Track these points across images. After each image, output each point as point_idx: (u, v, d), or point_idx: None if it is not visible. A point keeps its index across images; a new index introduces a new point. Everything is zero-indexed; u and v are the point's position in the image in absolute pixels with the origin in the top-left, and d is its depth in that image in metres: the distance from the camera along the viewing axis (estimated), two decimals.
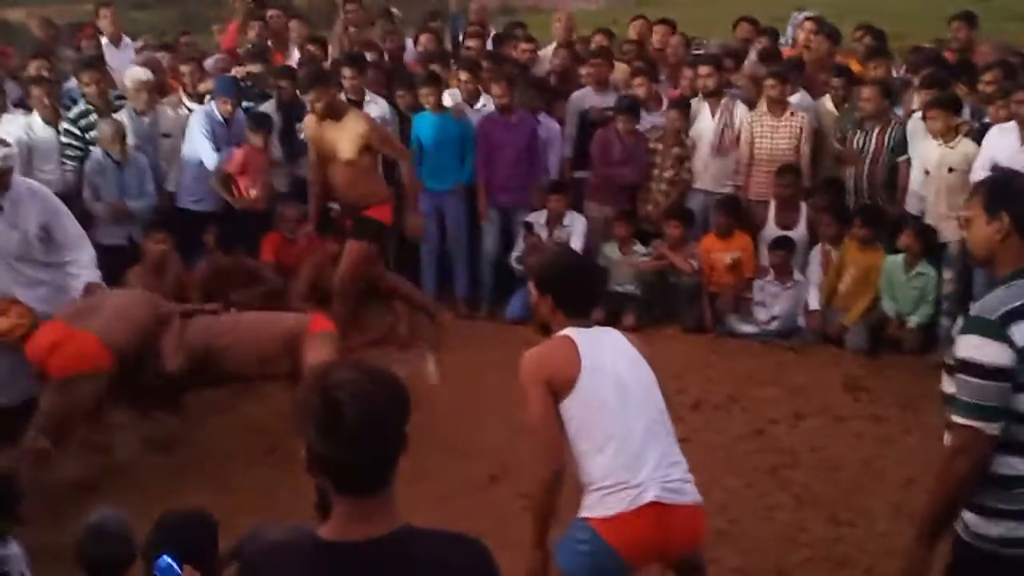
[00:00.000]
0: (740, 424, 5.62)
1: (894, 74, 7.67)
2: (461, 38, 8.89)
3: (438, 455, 5.00)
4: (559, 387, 3.06)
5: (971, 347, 2.62)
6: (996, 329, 2.58)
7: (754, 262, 7.00)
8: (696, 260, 6.99)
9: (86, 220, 6.13)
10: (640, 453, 3.04)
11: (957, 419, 2.66)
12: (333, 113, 6.05)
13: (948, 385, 2.73)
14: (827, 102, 7.33)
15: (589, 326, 3.21)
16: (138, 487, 4.91)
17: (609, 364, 3.11)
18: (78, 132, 6.63)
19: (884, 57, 7.51)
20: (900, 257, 6.41)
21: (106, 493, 4.79)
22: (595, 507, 3.05)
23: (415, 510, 1.98)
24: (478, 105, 7.48)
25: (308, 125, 6.27)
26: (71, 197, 6.21)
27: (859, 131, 6.82)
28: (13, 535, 3.37)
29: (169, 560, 2.93)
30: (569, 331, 3.16)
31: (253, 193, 6.60)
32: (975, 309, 2.71)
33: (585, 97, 7.58)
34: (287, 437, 5.21)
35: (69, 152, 6.63)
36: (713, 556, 4.30)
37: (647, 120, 7.42)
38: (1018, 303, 2.61)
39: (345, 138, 6.05)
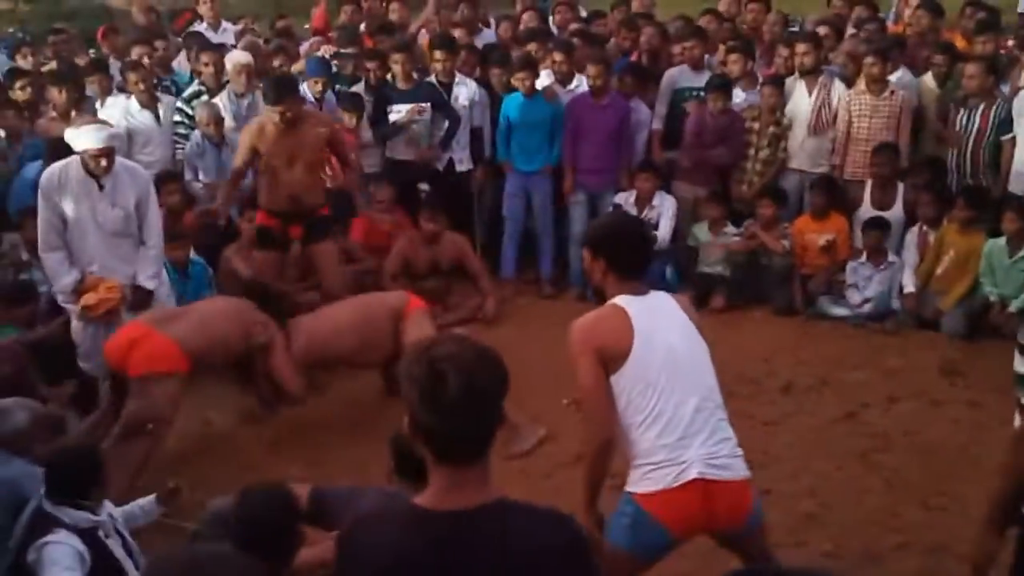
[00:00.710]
0: (832, 407, 5.51)
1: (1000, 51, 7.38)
2: (551, 18, 8.88)
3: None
4: (609, 359, 3.03)
5: None
6: None
7: (849, 244, 6.84)
8: (789, 241, 6.87)
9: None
10: (688, 430, 3.03)
11: None
12: (296, 120, 5.84)
13: (1020, 365, 2.88)
14: (929, 79, 7.10)
15: (642, 291, 3.15)
16: (233, 458, 5.09)
17: (661, 337, 3.07)
18: (190, 112, 6.86)
19: (994, 32, 7.22)
20: (1003, 240, 6.18)
21: (202, 463, 5.00)
22: (640, 482, 3.07)
23: (503, 487, 2.01)
24: (571, 86, 7.45)
25: (263, 132, 5.85)
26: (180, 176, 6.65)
27: (962, 109, 6.59)
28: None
29: None
30: (621, 300, 3.11)
31: (338, 173, 6.74)
32: None
33: (680, 75, 7.49)
34: (379, 413, 5.37)
35: (180, 131, 6.90)
36: (803, 539, 4.28)
37: (742, 99, 7.30)
38: None
39: (307, 143, 5.92)
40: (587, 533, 3.06)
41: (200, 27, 8.55)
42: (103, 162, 5.02)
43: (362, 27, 8.27)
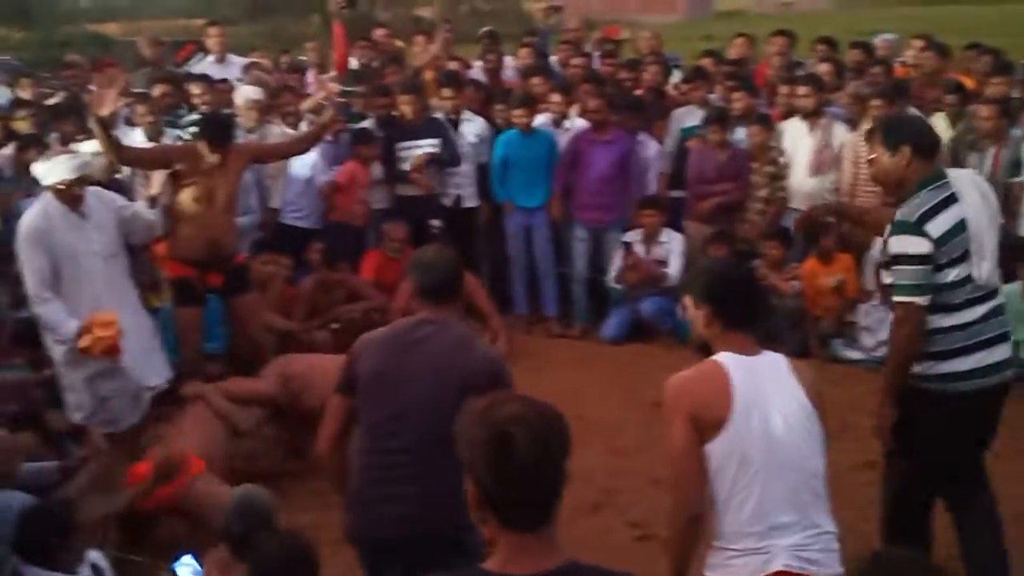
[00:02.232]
0: (851, 454, 5.41)
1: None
2: (550, 55, 8.89)
3: None
4: (703, 427, 2.78)
5: (900, 244, 3.57)
6: (916, 228, 3.53)
7: (858, 283, 6.82)
8: (798, 281, 6.84)
9: None
10: (779, 518, 2.78)
11: (897, 298, 3.62)
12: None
13: (887, 277, 3.67)
14: (939, 120, 7.12)
15: (751, 348, 2.88)
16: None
17: (763, 409, 2.79)
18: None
19: (1007, 74, 7.27)
20: (1018, 285, 6.16)
21: None
22: (721, 568, 2.86)
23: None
24: (566, 124, 7.44)
25: (193, 158, 5.43)
26: None
27: (973, 152, 6.60)
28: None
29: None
30: (725, 358, 2.84)
31: (356, 210, 6.68)
32: (900, 214, 3.60)
33: (687, 114, 7.49)
34: None
35: None
36: None
37: (743, 136, 7.30)
38: (928, 206, 3.56)
39: (231, 179, 5.54)
40: None
41: (208, 60, 8.50)
42: (77, 191, 4.98)
43: (374, 63, 8.26)
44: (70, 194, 4.97)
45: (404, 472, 3.08)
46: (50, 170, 4.94)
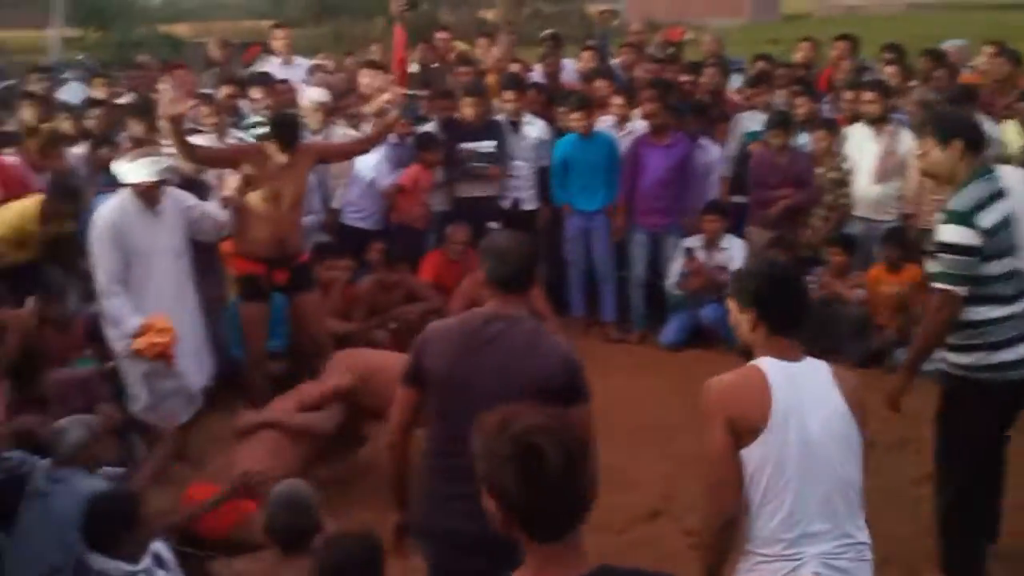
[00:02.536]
0: (912, 467, 5.33)
1: None
2: (610, 58, 8.88)
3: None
4: (741, 432, 2.78)
5: (950, 234, 3.68)
6: (967, 219, 3.64)
7: (924, 294, 6.67)
8: (863, 290, 6.73)
9: None
10: (811, 526, 2.77)
11: (938, 285, 3.75)
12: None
13: (932, 266, 3.80)
14: (1010, 127, 6.96)
15: (794, 354, 2.85)
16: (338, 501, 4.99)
17: (800, 417, 2.76)
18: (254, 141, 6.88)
19: None
20: None
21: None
22: (749, 573, 2.86)
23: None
24: (628, 127, 7.43)
25: (262, 159, 5.50)
26: None
27: None
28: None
29: None
30: (766, 363, 2.82)
31: (417, 211, 6.74)
32: (951, 204, 3.71)
33: (750, 119, 7.42)
34: None
35: None
36: None
37: (806, 142, 7.22)
38: (980, 198, 3.67)
39: (299, 177, 5.62)
40: None
41: (274, 60, 8.63)
42: (157, 191, 5.18)
43: (434, 65, 8.32)
44: (150, 194, 5.15)
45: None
46: (133, 170, 5.12)
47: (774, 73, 7.94)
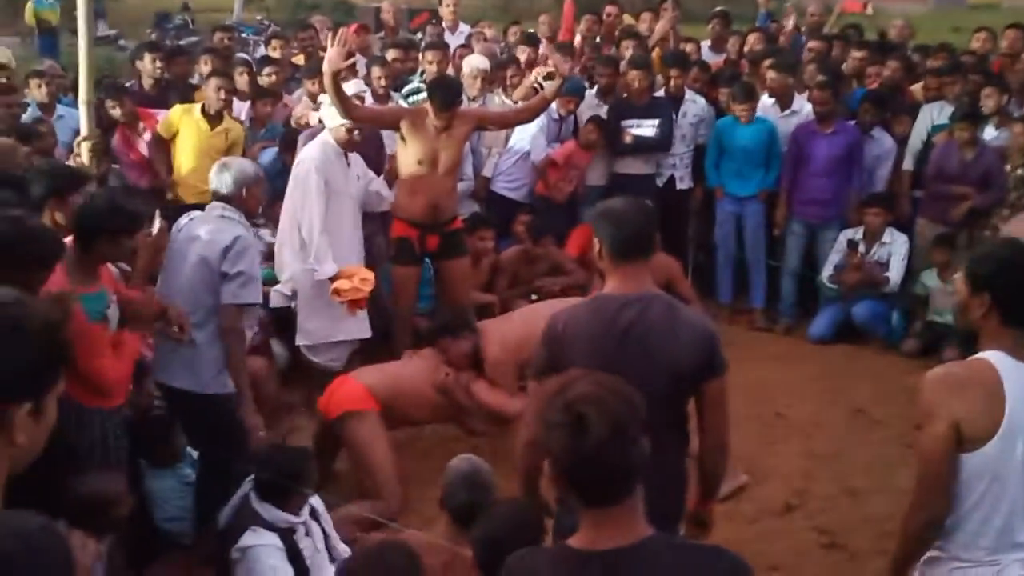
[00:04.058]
0: None
1: None
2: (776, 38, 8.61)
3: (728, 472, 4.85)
4: (965, 437, 2.53)
5: None
6: None
7: None
8: (957, 296, 6.27)
9: None
10: (1018, 538, 2.60)
11: None
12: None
13: None
14: None
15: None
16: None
17: None
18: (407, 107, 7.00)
19: None
20: None
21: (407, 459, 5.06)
22: (947, 575, 2.68)
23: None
24: (791, 109, 7.19)
25: (419, 122, 5.50)
26: None
27: None
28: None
29: None
30: (999, 360, 2.54)
31: (562, 187, 6.73)
32: None
33: (941, 110, 7.03)
34: None
35: None
36: None
37: (993, 136, 6.80)
38: None
39: (455, 142, 5.60)
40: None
41: (437, 28, 8.74)
42: (356, 135, 5.40)
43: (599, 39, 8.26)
44: (350, 138, 5.38)
45: None
46: (334, 114, 5.34)
47: (961, 63, 7.50)
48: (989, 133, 6.78)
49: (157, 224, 4.07)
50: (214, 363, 4.09)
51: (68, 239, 3.58)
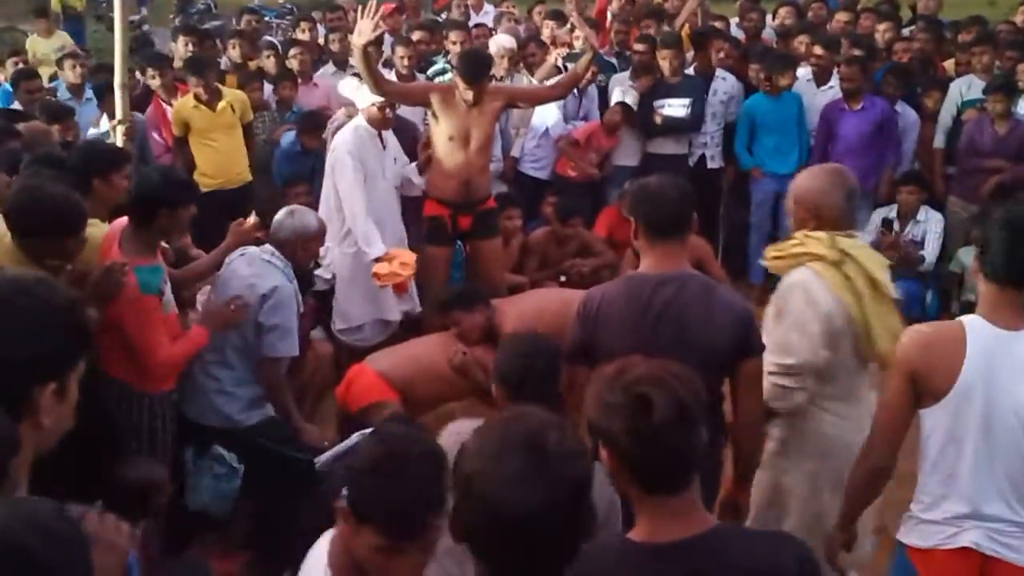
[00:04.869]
0: None
1: None
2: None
3: None
4: (922, 391, 2.62)
5: None
6: None
7: None
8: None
9: None
10: (980, 500, 2.61)
11: None
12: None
13: None
14: None
15: (1017, 317, 2.57)
16: None
17: (990, 389, 2.54)
18: None
19: None
20: None
21: None
22: (911, 532, 2.74)
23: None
24: (827, 86, 7.08)
25: (448, 99, 5.40)
26: None
27: None
28: None
29: None
30: (972, 322, 2.59)
31: (580, 167, 6.67)
32: None
33: (971, 84, 6.90)
34: None
35: None
36: None
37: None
38: None
39: (486, 119, 5.48)
40: (831, 546, 2.89)
41: (461, 8, 8.67)
42: (388, 113, 5.31)
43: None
44: (383, 117, 5.31)
45: None
46: (366, 93, 5.28)
47: (997, 36, 7.34)
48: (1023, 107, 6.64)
49: (253, 217, 4.12)
50: (240, 401, 4.05)
51: (120, 220, 3.65)
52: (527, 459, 1.62)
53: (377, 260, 5.21)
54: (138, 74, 6.84)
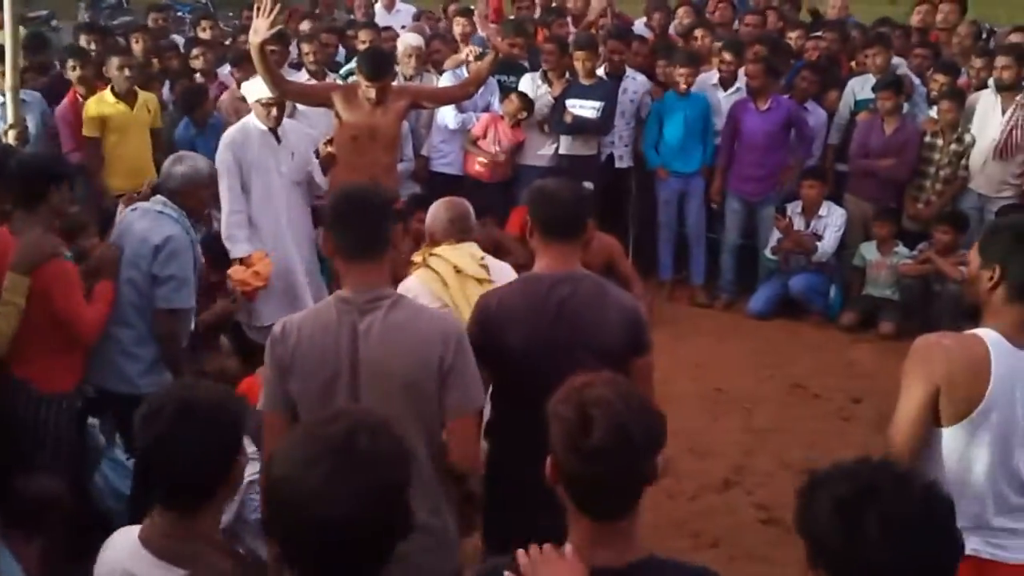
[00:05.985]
0: None
1: None
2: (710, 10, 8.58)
3: (668, 449, 4.85)
4: (944, 407, 2.49)
5: None
6: None
7: None
8: (967, 268, 6.39)
9: None
10: (985, 516, 2.58)
11: None
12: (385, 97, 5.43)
13: None
14: None
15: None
16: None
17: (1008, 410, 2.48)
18: None
19: None
20: None
21: None
22: None
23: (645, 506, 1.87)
24: (733, 89, 7.18)
25: (351, 98, 5.42)
26: None
27: None
28: None
29: None
30: (992, 339, 2.49)
31: (489, 160, 6.69)
32: None
33: (865, 83, 7.08)
34: None
35: None
36: None
37: (926, 111, 6.89)
38: None
39: (391, 118, 5.50)
40: None
41: (376, 6, 8.59)
42: (273, 111, 5.16)
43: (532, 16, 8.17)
44: (267, 114, 5.19)
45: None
46: (252, 86, 5.19)
47: (892, 36, 7.54)
48: (931, 112, 6.81)
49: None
50: (142, 362, 3.98)
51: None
52: (334, 464, 1.61)
53: (244, 260, 5.10)
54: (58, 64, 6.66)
